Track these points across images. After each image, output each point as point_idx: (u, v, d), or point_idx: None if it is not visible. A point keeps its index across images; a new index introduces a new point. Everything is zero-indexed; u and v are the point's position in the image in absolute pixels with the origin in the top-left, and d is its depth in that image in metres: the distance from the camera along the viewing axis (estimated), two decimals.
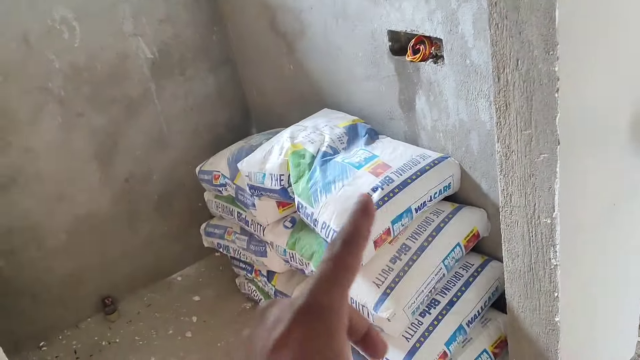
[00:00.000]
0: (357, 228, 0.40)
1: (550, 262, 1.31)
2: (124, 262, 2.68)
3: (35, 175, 2.35)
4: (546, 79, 1.11)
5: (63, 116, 2.35)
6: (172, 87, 2.59)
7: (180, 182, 2.74)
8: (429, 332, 1.63)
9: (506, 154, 1.28)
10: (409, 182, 1.67)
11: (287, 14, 2.22)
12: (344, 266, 0.39)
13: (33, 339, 2.54)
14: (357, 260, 0.39)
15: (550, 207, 1.23)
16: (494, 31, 1.16)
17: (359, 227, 0.40)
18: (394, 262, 1.65)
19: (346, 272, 0.39)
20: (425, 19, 1.63)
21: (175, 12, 2.51)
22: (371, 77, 1.95)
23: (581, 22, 1.09)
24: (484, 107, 1.58)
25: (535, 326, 1.46)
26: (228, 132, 2.80)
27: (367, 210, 0.40)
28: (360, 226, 0.40)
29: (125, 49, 2.43)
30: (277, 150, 1.94)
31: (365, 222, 0.40)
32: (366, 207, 0.40)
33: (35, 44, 2.22)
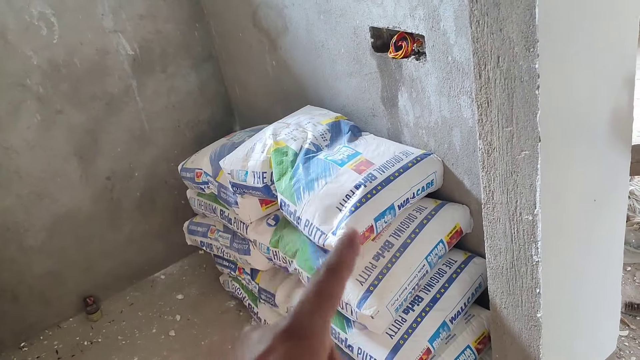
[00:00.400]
0: (341, 258, 0.42)
1: (532, 258, 1.31)
2: (106, 260, 2.65)
3: (14, 173, 2.32)
4: (527, 76, 1.11)
5: (42, 113, 2.31)
6: (154, 83, 2.57)
7: (162, 179, 2.71)
8: (412, 328, 1.63)
9: (488, 151, 1.28)
10: (392, 179, 1.66)
11: (270, 10, 2.20)
12: (327, 293, 0.40)
13: (14, 339, 2.51)
14: (340, 288, 0.41)
15: (531, 203, 1.24)
16: (475, 28, 1.16)
17: (344, 258, 0.42)
18: (377, 259, 1.65)
19: (329, 299, 0.40)
20: (407, 16, 1.62)
21: (156, 7, 2.48)
22: (354, 74, 1.94)
23: (561, 20, 1.09)
24: (466, 104, 1.58)
25: (517, 322, 1.46)
26: (210, 129, 2.78)
27: (352, 243, 0.42)
28: (344, 257, 0.42)
29: (105, 45, 2.39)
30: (260, 147, 1.93)
31: (350, 253, 0.42)
32: (352, 240, 0.43)
33: (13, 40, 2.18)
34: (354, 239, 0.43)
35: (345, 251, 0.42)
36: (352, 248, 0.42)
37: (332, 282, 0.41)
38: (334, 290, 0.41)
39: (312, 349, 0.38)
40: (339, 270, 0.41)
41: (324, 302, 0.40)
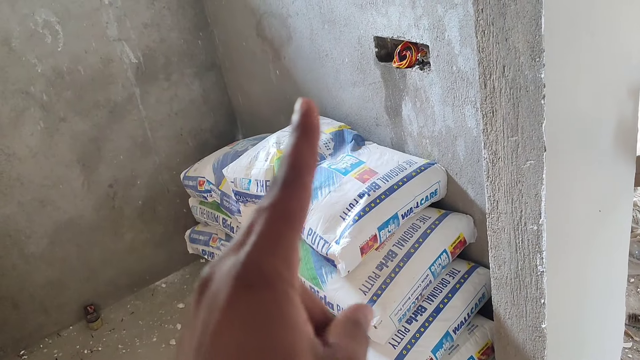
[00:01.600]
0: (297, 156, 0.30)
1: (536, 268, 1.31)
2: (107, 269, 2.64)
3: (16, 180, 2.32)
4: (532, 85, 1.11)
5: (45, 121, 2.32)
6: (157, 92, 2.57)
7: (164, 188, 2.71)
8: (415, 339, 1.62)
9: (493, 161, 1.28)
10: (396, 189, 1.66)
11: (274, 20, 2.21)
12: (287, 214, 0.29)
13: (14, 347, 2.49)
14: (303, 202, 0.30)
15: (536, 213, 1.23)
16: (481, 38, 1.16)
17: (300, 153, 0.30)
18: (381, 268, 1.64)
19: (290, 222, 0.29)
20: (411, 26, 1.63)
21: (160, 16, 2.49)
22: (357, 83, 1.95)
23: (567, 29, 1.09)
24: (470, 114, 1.58)
25: (521, 333, 1.45)
26: (213, 138, 2.78)
27: (308, 126, 0.31)
28: (300, 152, 0.30)
29: (109, 54, 2.40)
30: (263, 156, 1.93)
31: (308, 144, 0.30)
32: (307, 120, 0.31)
33: (18, 47, 2.19)
34: (308, 119, 0.31)
35: (300, 142, 0.30)
36: (309, 135, 0.31)
37: (291, 195, 0.29)
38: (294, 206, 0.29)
39: (279, 301, 0.27)
40: (296, 175, 0.30)
41: (284, 228, 0.29)
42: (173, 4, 2.51)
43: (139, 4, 2.42)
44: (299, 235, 0.29)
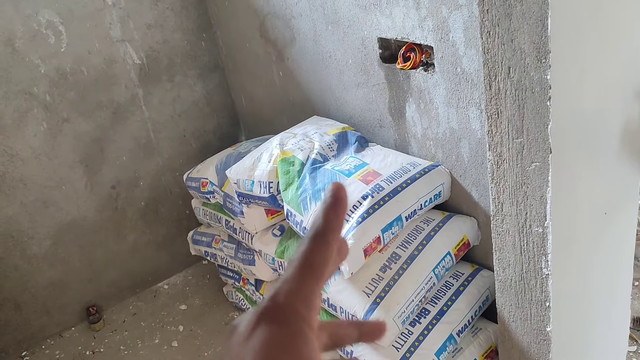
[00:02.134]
0: (325, 219, 0.36)
1: (541, 271, 1.30)
2: (110, 270, 2.64)
3: (19, 181, 2.31)
4: (538, 87, 1.10)
5: (48, 121, 2.32)
6: (160, 93, 2.57)
7: (167, 189, 2.71)
8: (419, 341, 1.61)
9: (497, 162, 1.27)
10: (399, 190, 1.65)
11: (277, 21, 2.21)
12: (310, 264, 0.35)
13: (15, 348, 2.49)
14: (325, 257, 0.35)
15: (542, 215, 1.23)
16: (486, 39, 1.15)
17: (328, 219, 0.36)
18: (384, 271, 1.63)
19: (312, 271, 0.35)
20: (415, 27, 1.62)
21: (163, 17, 2.49)
22: (361, 85, 1.94)
23: (573, 30, 1.09)
24: (474, 116, 1.57)
25: (526, 336, 1.44)
26: (216, 139, 2.78)
27: (337, 200, 0.37)
28: (328, 217, 0.36)
29: (112, 54, 2.40)
30: (266, 157, 1.92)
31: (334, 213, 0.36)
32: (337, 196, 0.37)
33: (21, 48, 2.19)
34: (339, 195, 0.37)
35: (329, 211, 0.36)
36: (336, 206, 0.37)
37: (315, 250, 0.35)
38: (317, 260, 0.35)
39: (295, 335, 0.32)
40: (322, 235, 0.36)
41: (306, 275, 0.34)
42: (176, 5, 2.51)
43: (142, 5, 2.42)
44: (320, 283, 0.35)
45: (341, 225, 0.37)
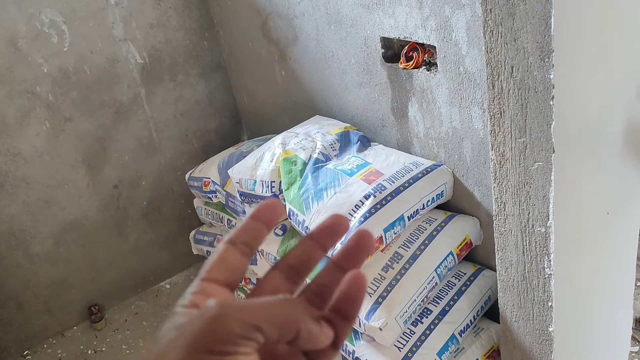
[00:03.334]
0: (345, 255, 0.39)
1: (544, 271, 1.29)
2: (112, 269, 2.64)
3: (22, 181, 2.32)
4: (541, 86, 1.10)
5: (51, 121, 2.32)
6: (162, 92, 2.57)
7: (169, 188, 2.71)
8: (421, 341, 1.61)
9: (500, 162, 1.27)
10: (402, 190, 1.65)
11: (280, 20, 2.21)
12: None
13: (17, 347, 2.49)
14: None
15: (544, 215, 1.22)
16: (489, 38, 1.15)
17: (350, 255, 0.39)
18: (386, 270, 1.63)
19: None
20: (418, 26, 1.62)
21: (166, 17, 2.49)
22: (364, 84, 1.94)
23: (577, 29, 1.08)
24: (477, 115, 1.57)
25: (528, 336, 1.44)
26: (218, 139, 2.78)
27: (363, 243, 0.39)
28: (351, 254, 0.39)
29: (115, 54, 2.40)
30: (269, 156, 1.92)
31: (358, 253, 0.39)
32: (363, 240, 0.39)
33: (24, 47, 2.19)
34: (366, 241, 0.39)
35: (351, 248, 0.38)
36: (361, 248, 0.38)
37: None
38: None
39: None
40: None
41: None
42: (179, 5, 2.51)
43: (145, 5, 2.42)
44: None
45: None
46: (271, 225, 0.39)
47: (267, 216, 0.39)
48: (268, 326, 0.32)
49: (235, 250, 0.38)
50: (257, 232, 0.39)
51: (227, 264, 0.37)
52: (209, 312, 0.32)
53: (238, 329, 0.31)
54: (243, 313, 0.32)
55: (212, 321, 0.31)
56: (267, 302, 0.34)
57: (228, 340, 0.31)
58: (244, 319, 0.32)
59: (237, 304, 0.32)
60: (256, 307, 0.33)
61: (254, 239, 0.38)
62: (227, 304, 0.32)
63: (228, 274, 0.37)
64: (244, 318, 0.32)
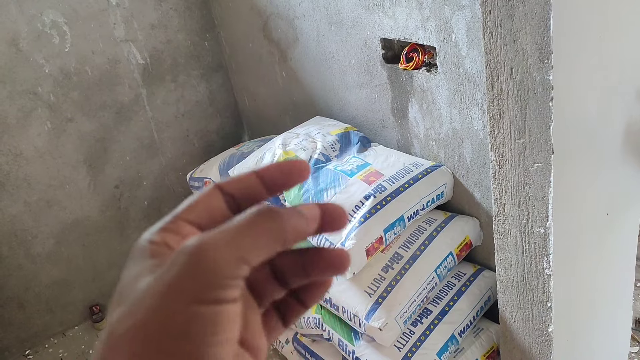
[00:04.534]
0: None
1: (543, 272, 1.30)
2: (113, 269, 2.65)
3: (23, 181, 2.32)
4: (540, 87, 1.10)
5: (52, 121, 2.32)
6: (164, 93, 2.58)
7: (170, 189, 2.71)
8: (420, 341, 1.61)
9: (500, 163, 1.27)
10: (402, 191, 1.66)
11: (280, 21, 2.21)
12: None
13: (19, 347, 2.50)
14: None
15: (543, 216, 1.23)
16: (488, 39, 1.16)
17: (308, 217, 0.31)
18: (386, 271, 1.63)
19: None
20: (418, 27, 1.62)
21: (167, 17, 2.50)
22: (364, 85, 1.95)
23: (576, 31, 1.09)
24: (477, 116, 1.57)
25: (528, 336, 1.45)
26: (219, 139, 2.78)
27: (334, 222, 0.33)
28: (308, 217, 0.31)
29: (116, 54, 2.41)
30: (269, 157, 1.93)
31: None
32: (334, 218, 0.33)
33: (25, 48, 2.20)
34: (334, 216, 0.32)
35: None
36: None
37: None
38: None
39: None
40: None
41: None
42: (180, 6, 2.52)
43: (146, 5, 2.43)
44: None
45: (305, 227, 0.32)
46: (274, 191, 0.33)
47: (275, 179, 0.33)
48: (255, 254, 0.28)
49: (221, 198, 0.32)
50: (253, 191, 0.32)
51: (209, 208, 0.32)
52: (189, 250, 0.27)
53: (227, 268, 0.27)
54: (228, 247, 0.27)
55: (196, 262, 0.27)
56: (245, 223, 0.28)
57: (216, 283, 0.27)
58: (230, 254, 0.27)
59: (217, 237, 0.27)
60: (237, 235, 0.28)
61: (247, 197, 0.32)
62: (209, 240, 0.27)
63: (207, 219, 0.32)
64: (231, 253, 0.27)
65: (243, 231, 0.28)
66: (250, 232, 0.28)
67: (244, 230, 0.28)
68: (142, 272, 0.29)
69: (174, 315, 0.26)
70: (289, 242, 0.30)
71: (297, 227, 0.30)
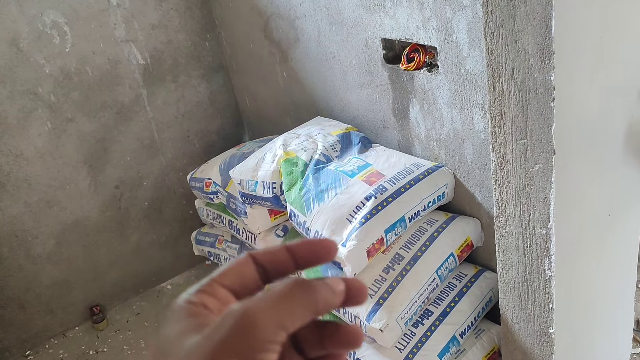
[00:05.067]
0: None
1: (545, 272, 1.29)
2: (113, 270, 2.65)
3: (23, 181, 2.32)
4: (542, 88, 1.10)
5: (53, 121, 2.32)
6: (164, 93, 2.58)
7: (170, 189, 2.71)
8: (422, 342, 1.61)
9: (501, 164, 1.27)
10: (403, 191, 1.65)
11: (281, 22, 2.21)
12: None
13: (19, 347, 2.50)
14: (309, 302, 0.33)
15: (545, 217, 1.22)
16: (490, 40, 1.15)
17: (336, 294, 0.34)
18: (387, 272, 1.63)
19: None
20: (419, 28, 1.62)
21: (167, 18, 2.50)
22: (365, 85, 1.94)
23: (577, 31, 1.08)
24: (478, 117, 1.57)
25: (529, 337, 1.44)
26: (220, 140, 2.78)
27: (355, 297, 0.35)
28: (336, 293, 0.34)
29: (117, 55, 2.41)
30: (270, 157, 1.92)
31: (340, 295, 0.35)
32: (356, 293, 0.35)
33: (26, 48, 2.20)
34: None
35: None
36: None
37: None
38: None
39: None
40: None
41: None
42: (181, 6, 2.52)
43: (146, 6, 2.43)
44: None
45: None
46: (302, 267, 0.36)
47: (305, 257, 0.36)
48: (292, 321, 0.31)
49: (253, 267, 0.35)
50: (283, 265, 0.36)
51: (242, 276, 0.35)
52: (237, 314, 0.29)
53: (269, 333, 0.29)
54: (270, 313, 0.30)
55: (242, 325, 0.29)
56: (283, 293, 0.31)
57: (260, 346, 0.29)
58: (272, 321, 0.30)
59: (261, 304, 0.30)
60: (278, 303, 0.31)
61: (276, 269, 0.36)
62: (254, 305, 0.30)
63: (240, 285, 0.35)
64: (273, 319, 0.30)
65: (283, 300, 0.31)
66: (289, 302, 0.31)
67: (284, 300, 0.31)
68: (185, 331, 0.31)
69: None
70: (319, 312, 0.33)
71: (327, 300, 0.33)
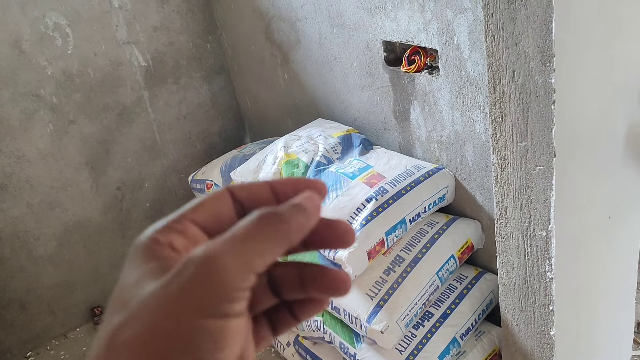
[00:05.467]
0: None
1: (545, 275, 1.30)
2: (115, 271, 2.65)
3: (25, 182, 2.33)
4: (542, 90, 1.10)
5: (55, 123, 2.33)
6: (166, 95, 2.58)
7: (172, 191, 2.72)
8: (422, 344, 1.61)
9: (501, 166, 1.27)
10: (403, 193, 1.65)
11: (283, 24, 2.22)
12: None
13: (20, 348, 2.50)
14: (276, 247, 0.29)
15: (545, 219, 1.23)
16: (490, 42, 1.16)
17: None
18: (388, 273, 1.63)
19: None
20: (420, 30, 1.62)
21: (169, 20, 2.50)
22: (366, 87, 1.95)
23: (578, 34, 1.09)
24: (479, 119, 1.57)
25: (529, 339, 1.44)
26: (221, 141, 2.79)
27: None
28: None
29: (118, 56, 2.41)
30: (271, 159, 1.93)
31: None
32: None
33: (28, 50, 2.20)
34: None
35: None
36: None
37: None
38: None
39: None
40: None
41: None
42: (182, 8, 2.52)
43: (148, 8, 2.43)
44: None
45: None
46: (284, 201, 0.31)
47: (288, 193, 0.31)
48: (261, 260, 0.27)
49: (231, 203, 0.31)
50: (264, 202, 0.31)
51: (217, 211, 0.30)
52: (198, 261, 0.25)
53: (236, 279, 0.26)
54: (236, 257, 0.26)
55: (205, 274, 0.25)
56: (248, 230, 0.27)
57: (225, 297, 0.25)
58: (239, 265, 0.26)
59: (225, 247, 0.26)
60: (245, 243, 0.26)
61: (255, 207, 0.30)
62: (217, 250, 0.26)
63: (213, 222, 0.30)
64: (239, 263, 0.26)
65: (249, 238, 0.27)
66: (256, 239, 0.27)
67: (250, 238, 0.27)
68: (144, 276, 0.27)
69: (180, 328, 0.25)
70: (293, 242, 0.28)
71: (300, 225, 0.29)
